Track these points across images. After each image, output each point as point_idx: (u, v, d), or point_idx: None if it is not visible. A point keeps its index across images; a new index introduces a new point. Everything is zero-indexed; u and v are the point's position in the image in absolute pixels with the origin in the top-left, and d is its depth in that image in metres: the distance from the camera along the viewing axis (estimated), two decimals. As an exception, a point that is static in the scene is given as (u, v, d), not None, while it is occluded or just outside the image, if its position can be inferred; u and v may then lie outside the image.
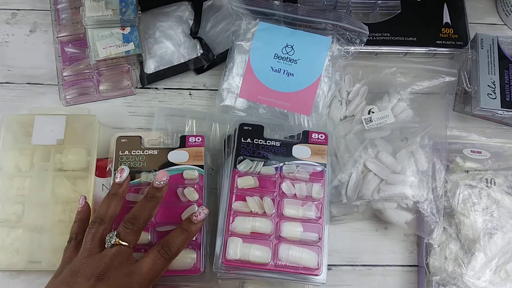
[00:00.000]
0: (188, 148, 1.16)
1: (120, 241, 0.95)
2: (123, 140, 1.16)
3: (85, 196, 1.07)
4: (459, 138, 1.25)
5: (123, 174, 1.05)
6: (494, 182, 1.18)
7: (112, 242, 0.95)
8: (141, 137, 1.17)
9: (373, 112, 1.22)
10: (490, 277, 1.12)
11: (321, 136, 1.16)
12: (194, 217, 1.02)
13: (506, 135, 1.27)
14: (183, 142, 1.16)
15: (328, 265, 1.20)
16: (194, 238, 1.08)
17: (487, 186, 1.18)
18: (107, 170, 1.18)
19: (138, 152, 1.15)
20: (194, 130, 1.25)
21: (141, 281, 0.93)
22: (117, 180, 1.04)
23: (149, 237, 1.09)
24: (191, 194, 1.12)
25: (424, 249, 1.19)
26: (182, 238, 1.00)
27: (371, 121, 1.22)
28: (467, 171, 1.21)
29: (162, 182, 1.03)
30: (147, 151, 1.15)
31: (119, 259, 0.94)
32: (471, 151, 1.22)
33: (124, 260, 0.94)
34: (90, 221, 1.01)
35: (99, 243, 0.96)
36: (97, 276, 0.91)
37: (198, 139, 1.16)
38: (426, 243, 1.18)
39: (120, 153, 1.15)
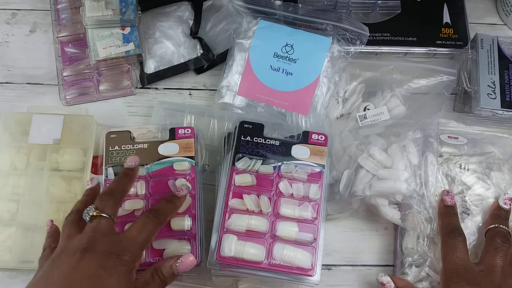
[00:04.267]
0: (178, 140, 1.15)
1: (99, 212, 0.92)
2: (113, 136, 1.16)
3: (52, 220, 1.05)
4: (439, 124, 1.24)
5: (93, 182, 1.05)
6: (468, 168, 1.18)
7: (90, 214, 0.91)
8: (130, 132, 1.17)
9: (368, 109, 1.22)
10: None
11: (321, 137, 1.15)
12: (177, 192, 1.03)
13: (486, 123, 1.28)
14: (173, 134, 1.16)
15: (328, 265, 1.21)
16: (188, 229, 1.09)
17: (461, 172, 1.18)
18: (100, 167, 1.18)
19: (128, 147, 1.15)
20: (192, 125, 1.24)
21: (132, 246, 0.90)
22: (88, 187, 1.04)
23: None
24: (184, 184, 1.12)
25: (399, 232, 1.20)
26: (169, 207, 1.00)
27: (365, 118, 1.21)
28: (442, 156, 1.21)
29: (133, 163, 1.02)
30: (137, 145, 1.15)
31: (102, 231, 0.90)
32: (448, 136, 1.22)
33: (107, 231, 0.90)
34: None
35: (78, 228, 0.93)
36: (81, 249, 0.86)
37: (188, 130, 1.16)
38: (400, 226, 1.18)
39: (110, 149, 1.15)
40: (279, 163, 1.13)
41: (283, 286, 1.15)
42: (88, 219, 0.92)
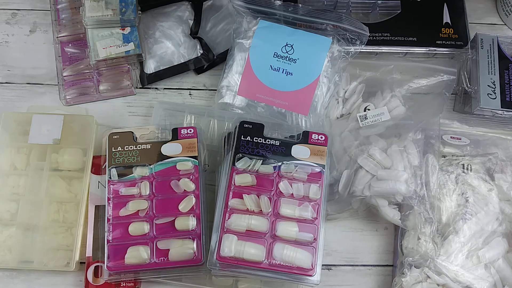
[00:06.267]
0: (181, 140, 1.15)
1: None
2: (115, 137, 1.16)
3: None
4: (442, 125, 1.24)
5: None
6: (471, 168, 1.19)
7: None
8: (133, 132, 1.16)
9: (368, 110, 1.22)
10: (462, 261, 1.13)
11: (321, 137, 1.15)
12: None
13: (489, 125, 1.27)
14: (176, 134, 1.16)
15: (328, 265, 1.21)
16: (193, 228, 1.09)
17: (464, 172, 1.18)
18: (102, 167, 1.18)
19: (131, 148, 1.15)
20: (193, 125, 1.24)
21: None
22: None
23: (147, 228, 1.10)
24: (187, 184, 1.12)
25: (399, 232, 1.20)
26: None
27: (366, 118, 1.21)
28: (444, 156, 1.21)
29: None
30: (140, 145, 1.15)
31: None
32: (451, 137, 1.22)
33: None
34: None
35: None
36: None
37: (190, 130, 1.16)
38: (401, 226, 1.18)
39: (113, 150, 1.15)
40: (279, 163, 1.13)
41: (283, 286, 1.15)
42: None
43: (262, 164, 1.13)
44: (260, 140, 1.14)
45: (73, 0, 1.36)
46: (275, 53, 1.25)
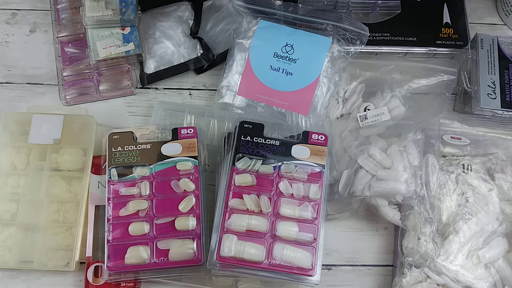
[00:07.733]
0: (181, 140, 1.15)
1: None
2: (115, 137, 1.16)
3: None
4: (442, 125, 1.24)
5: None
6: (471, 168, 1.19)
7: None
8: (133, 132, 1.16)
9: (368, 110, 1.22)
10: (462, 261, 1.13)
11: (321, 137, 1.15)
12: None
13: (489, 125, 1.27)
14: (176, 134, 1.16)
15: (328, 265, 1.21)
16: (193, 228, 1.09)
17: (464, 172, 1.18)
18: (102, 167, 1.18)
19: (131, 148, 1.15)
20: (193, 125, 1.24)
21: None
22: None
23: (147, 228, 1.10)
24: (187, 184, 1.12)
25: (399, 232, 1.19)
26: None
27: (366, 118, 1.21)
28: (445, 156, 1.21)
29: None
30: (140, 145, 1.15)
31: None
32: (451, 137, 1.22)
33: None
34: None
35: None
36: None
37: (190, 130, 1.16)
38: (401, 226, 1.18)
39: (113, 150, 1.15)
40: (279, 163, 1.13)
41: (283, 286, 1.15)
42: None
43: (262, 164, 1.13)
44: (260, 140, 1.14)
45: (73, 0, 1.36)
46: (275, 53, 1.25)
